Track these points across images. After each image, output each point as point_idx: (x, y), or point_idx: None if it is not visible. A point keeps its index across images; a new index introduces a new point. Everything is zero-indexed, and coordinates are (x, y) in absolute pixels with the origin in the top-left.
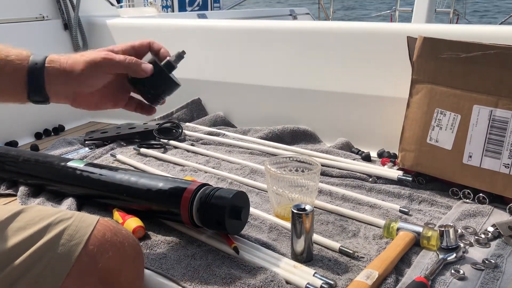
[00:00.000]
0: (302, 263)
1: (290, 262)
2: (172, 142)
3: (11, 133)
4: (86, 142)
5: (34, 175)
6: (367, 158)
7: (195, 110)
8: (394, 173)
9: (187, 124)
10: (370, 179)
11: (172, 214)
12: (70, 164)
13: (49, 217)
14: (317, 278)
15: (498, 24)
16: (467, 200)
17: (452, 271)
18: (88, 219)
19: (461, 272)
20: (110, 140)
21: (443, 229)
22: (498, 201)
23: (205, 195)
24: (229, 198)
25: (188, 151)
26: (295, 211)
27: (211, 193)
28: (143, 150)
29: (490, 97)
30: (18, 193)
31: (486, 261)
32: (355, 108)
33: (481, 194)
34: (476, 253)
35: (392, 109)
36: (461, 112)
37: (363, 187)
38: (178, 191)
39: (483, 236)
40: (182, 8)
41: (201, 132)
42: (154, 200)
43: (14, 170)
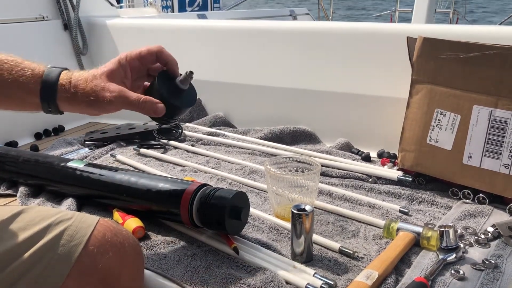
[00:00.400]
0: (302, 264)
1: (290, 263)
2: (172, 143)
3: (11, 134)
4: (86, 143)
5: (34, 176)
6: (367, 159)
7: (195, 111)
8: (394, 174)
9: (187, 125)
10: (370, 180)
11: (172, 215)
12: (70, 165)
13: (49, 218)
14: (317, 279)
15: (498, 24)
16: (467, 201)
17: (452, 272)
18: (88, 220)
19: (461, 273)
20: (110, 141)
21: (443, 230)
22: (498, 201)
23: (205, 196)
24: (229, 199)
25: (188, 152)
26: (295, 212)
27: (211, 194)
28: (143, 151)
29: (490, 98)
30: (18, 194)
31: (486, 262)
32: (355, 108)
33: (481, 195)
34: (476, 254)
35: (392, 109)
36: (461, 113)
37: (363, 188)
38: (178, 192)
39: (483, 237)
40: (182, 9)
41: (201, 133)
42: (154, 201)
43: (14, 171)
